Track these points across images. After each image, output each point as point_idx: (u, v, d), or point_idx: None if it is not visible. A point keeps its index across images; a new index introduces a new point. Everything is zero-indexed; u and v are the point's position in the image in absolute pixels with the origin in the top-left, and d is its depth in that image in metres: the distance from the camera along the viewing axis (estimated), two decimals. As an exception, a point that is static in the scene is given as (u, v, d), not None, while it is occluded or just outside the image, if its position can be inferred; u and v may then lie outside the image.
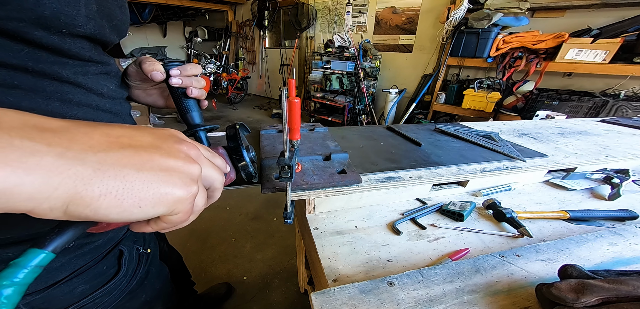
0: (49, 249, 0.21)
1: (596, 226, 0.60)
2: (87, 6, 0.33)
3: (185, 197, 0.23)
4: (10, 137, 0.16)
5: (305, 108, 4.66)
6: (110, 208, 0.19)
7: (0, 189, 0.16)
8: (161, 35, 6.63)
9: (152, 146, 0.22)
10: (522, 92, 2.69)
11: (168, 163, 0.22)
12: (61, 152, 0.18)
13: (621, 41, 2.12)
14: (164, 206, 0.22)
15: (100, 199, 0.19)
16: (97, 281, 0.43)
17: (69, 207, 0.18)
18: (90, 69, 0.37)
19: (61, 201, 0.18)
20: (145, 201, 0.21)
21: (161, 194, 0.21)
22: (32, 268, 0.20)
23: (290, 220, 0.47)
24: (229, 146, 0.39)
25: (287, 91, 0.37)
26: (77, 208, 0.18)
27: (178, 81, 0.43)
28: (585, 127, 1.15)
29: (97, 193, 0.19)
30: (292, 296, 1.44)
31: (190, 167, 0.24)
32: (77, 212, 0.18)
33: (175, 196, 0.22)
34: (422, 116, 3.57)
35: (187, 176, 0.23)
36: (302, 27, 4.75)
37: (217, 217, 2.00)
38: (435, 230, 0.58)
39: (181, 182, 0.23)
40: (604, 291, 0.31)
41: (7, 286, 0.18)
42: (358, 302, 0.36)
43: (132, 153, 0.21)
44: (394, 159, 0.70)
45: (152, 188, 0.21)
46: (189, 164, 0.24)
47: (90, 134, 0.20)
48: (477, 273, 0.41)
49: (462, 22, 2.83)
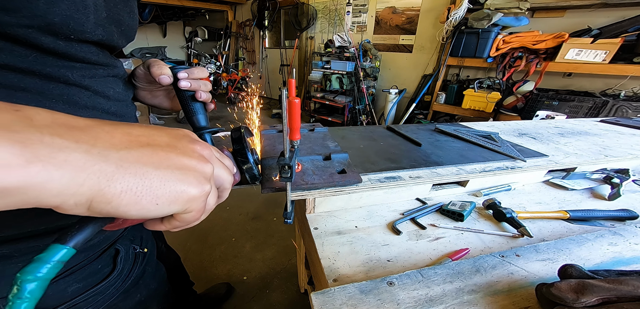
0: (71, 245, 0.21)
1: (596, 226, 0.60)
2: (96, 13, 0.33)
3: (199, 195, 0.24)
4: (41, 134, 0.17)
5: (305, 108, 4.66)
6: (129, 205, 0.20)
7: (32, 184, 0.16)
8: (161, 35, 6.63)
9: (168, 145, 0.23)
10: (522, 92, 2.69)
11: (183, 162, 0.23)
12: (87, 149, 0.18)
13: (621, 41, 2.12)
14: (179, 204, 0.23)
15: (121, 196, 0.19)
16: (91, 279, 0.43)
17: (92, 204, 0.19)
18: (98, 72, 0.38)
19: (85, 197, 0.18)
20: (162, 199, 0.21)
21: (177, 192, 0.22)
22: (54, 263, 0.20)
23: (290, 220, 0.47)
24: (235, 148, 0.40)
25: (287, 91, 0.37)
26: (99, 205, 0.19)
27: (187, 84, 0.44)
28: (585, 127, 1.15)
29: (118, 190, 0.19)
30: (292, 296, 1.44)
31: (204, 167, 0.25)
32: (99, 209, 0.19)
33: (190, 195, 0.23)
34: (422, 116, 3.57)
35: (201, 175, 0.24)
36: (302, 27, 4.75)
37: (217, 217, 2.00)
38: (435, 230, 0.58)
39: (196, 181, 0.23)
40: (604, 291, 0.31)
41: (30, 281, 0.19)
42: (358, 302, 0.36)
43: (151, 152, 0.22)
44: (394, 159, 0.70)
45: (168, 186, 0.22)
46: (203, 164, 0.25)
47: (113, 132, 0.21)
48: (477, 273, 0.41)
49: (462, 22, 2.83)
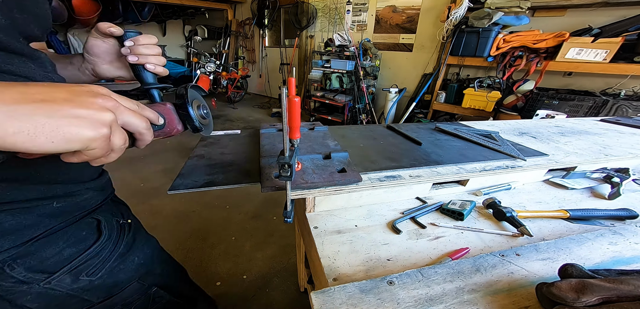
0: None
1: (596, 225, 0.60)
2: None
3: (96, 136, 0.30)
4: None
5: (305, 107, 4.65)
6: (25, 143, 0.26)
7: None
8: (161, 34, 6.61)
9: (64, 100, 0.29)
10: (523, 92, 2.69)
11: (77, 112, 0.29)
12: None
13: (622, 40, 2.12)
14: (77, 143, 0.29)
15: (15, 136, 0.25)
16: (82, 245, 0.48)
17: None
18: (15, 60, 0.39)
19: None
20: (57, 138, 0.27)
21: (71, 134, 0.28)
22: None
23: (290, 219, 0.47)
24: (176, 103, 0.44)
25: (287, 90, 0.37)
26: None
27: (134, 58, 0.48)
28: (585, 127, 1.15)
29: (11, 131, 0.25)
30: (291, 295, 1.44)
31: (101, 115, 0.30)
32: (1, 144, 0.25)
33: (85, 136, 0.29)
34: (422, 115, 3.56)
35: (97, 121, 0.30)
36: (302, 26, 4.74)
37: (217, 216, 2.00)
38: (435, 229, 0.58)
39: (90, 125, 0.29)
40: (604, 291, 0.31)
41: None
42: (358, 301, 0.36)
43: (43, 105, 0.27)
44: (394, 158, 0.70)
45: (61, 129, 0.27)
46: (100, 112, 0.30)
47: (6, 92, 0.26)
48: (477, 272, 0.41)
49: (463, 21, 2.82)
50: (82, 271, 0.48)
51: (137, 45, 0.49)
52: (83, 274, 0.48)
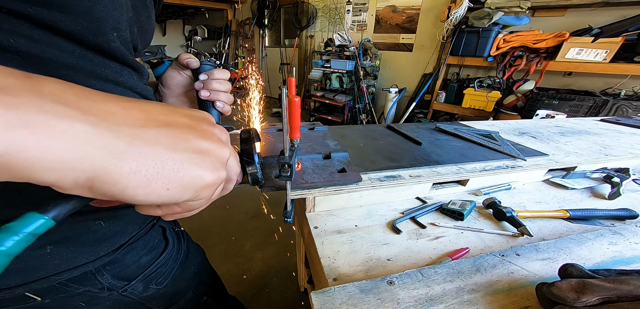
0: (51, 216, 0.18)
1: (596, 225, 0.60)
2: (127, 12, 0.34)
3: (214, 182, 0.23)
4: (41, 101, 0.15)
5: (305, 107, 4.65)
6: (138, 188, 0.18)
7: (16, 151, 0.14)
8: (161, 33, 6.60)
9: (188, 126, 0.22)
10: (523, 91, 2.69)
11: (202, 145, 0.22)
12: (95, 122, 0.16)
13: (622, 40, 2.12)
14: (191, 191, 0.21)
15: (129, 177, 0.18)
16: (155, 252, 0.47)
17: (94, 183, 0.17)
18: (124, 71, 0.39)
19: (87, 175, 0.16)
20: (175, 184, 0.20)
21: (192, 178, 0.21)
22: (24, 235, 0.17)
23: (290, 219, 0.47)
24: (242, 148, 0.39)
25: (287, 90, 0.37)
26: (103, 186, 0.17)
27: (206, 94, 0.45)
28: (585, 127, 1.15)
29: (127, 170, 0.17)
30: (291, 294, 1.44)
31: (222, 151, 0.24)
32: (102, 190, 0.17)
33: (205, 181, 0.22)
34: (422, 115, 3.56)
35: (218, 160, 0.23)
36: (302, 26, 4.73)
37: (217, 215, 2.00)
38: (435, 229, 0.58)
39: (212, 166, 0.22)
40: (604, 291, 0.31)
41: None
42: (358, 301, 0.36)
43: (168, 132, 0.20)
44: (394, 158, 0.70)
45: (182, 170, 0.20)
46: (221, 148, 0.24)
47: (130, 108, 0.19)
48: (477, 272, 0.41)
49: (463, 21, 2.82)
50: (152, 279, 0.47)
51: (211, 79, 0.45)
52: (153, 282, 0.47)
